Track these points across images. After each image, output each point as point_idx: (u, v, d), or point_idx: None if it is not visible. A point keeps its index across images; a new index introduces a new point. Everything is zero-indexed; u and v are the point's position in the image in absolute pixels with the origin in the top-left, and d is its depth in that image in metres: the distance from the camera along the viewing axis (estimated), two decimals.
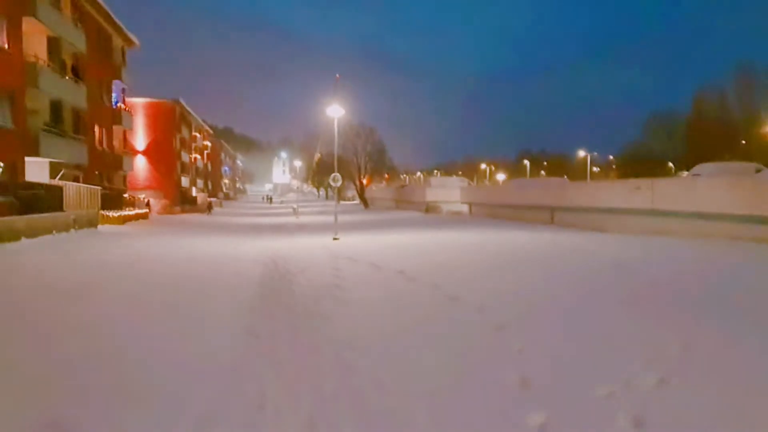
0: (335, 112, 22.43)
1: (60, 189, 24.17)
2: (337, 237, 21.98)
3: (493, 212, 40.74)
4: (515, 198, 36.92)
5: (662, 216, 22.88)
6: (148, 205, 49.63)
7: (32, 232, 20.04)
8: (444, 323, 7.48)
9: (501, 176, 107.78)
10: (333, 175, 22.87)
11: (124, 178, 46.21)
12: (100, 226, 27.52)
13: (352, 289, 10.03)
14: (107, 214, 30.74)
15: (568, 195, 30.17)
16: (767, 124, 66.85)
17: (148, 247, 19.09)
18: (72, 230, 23.46)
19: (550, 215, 32.27)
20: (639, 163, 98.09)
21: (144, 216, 38.69)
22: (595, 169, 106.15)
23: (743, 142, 74.51)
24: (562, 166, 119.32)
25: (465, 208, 48.08)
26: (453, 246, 17.97)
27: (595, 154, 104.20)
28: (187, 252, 17.57)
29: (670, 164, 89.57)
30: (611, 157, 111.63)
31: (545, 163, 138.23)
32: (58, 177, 28.53)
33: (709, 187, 20.59)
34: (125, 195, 41.83)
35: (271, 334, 7.12)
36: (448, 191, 51.90)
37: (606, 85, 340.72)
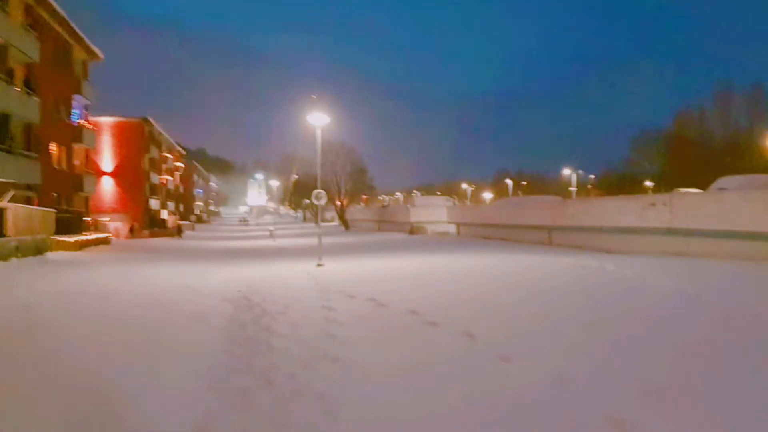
0: (318, 120, 19.75)
1: (1, 212, 21.04)
2: (321, 263, 19.16)
3: (483, 233, 38.25)
4: (508, 217, 34.47)
5: (682, 235, 20.51)
6: (112, 229, 46.36)
7: None
8: (530, 412, 4.75)
9: (488, 195, 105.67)
10: (316, 191, 20.13)
11: (87, 200, 42.84)
12: (51, 254, 24.32)
13: (356, 343, 7.24)
14: (62, 239, 27.54)
15: (568, 213, 27.76)
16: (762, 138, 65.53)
17: (91, 280, 15.99)
18: (13, 259, 20.29)
19: (547, 235, 29.85)
20: (619, 182, 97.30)
21: (105, 241, 35.42)
22: (571, 188, 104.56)
23: (728, 159, 73.34)
24: (541, 186, 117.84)
25: (452, 228, 45.58)
26: (458, 273, 15.29)
27: (581, 172, 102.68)
28: (139, 285, 14.58)
29: (648, 183, 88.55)
30: (592, 176, 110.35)
31: (524, 183, 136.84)
32: (6, 199, 25.31)
33: (742, 202, 18.25)
34: (87, 218, 38.56)
35: None
36: (434, 211, 49.44)
37: (587, 107, 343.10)
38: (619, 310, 9.01)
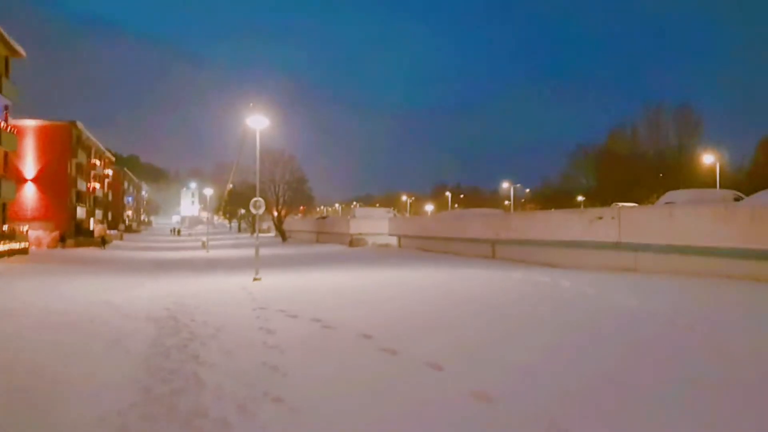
0: (258, 123, 18.47)
1: None
2: (258, 276, 17.85)
3: (425, 245, 37.55)
4: (451, 230, 33.86)
5: (630, 250, 20.23)
6: (33, 238, 43.39)
7: None
8: None
9: (429, 207, 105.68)
10: (254, 200, 18.79)
11: (3, 206, 39.90)
12: None
13: (304, 376, 6.13)
14: None
15: (512, 226, 27.31)
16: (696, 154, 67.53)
17: None
18: None
19: (491, 249, 29.35)
20: (554, 196, 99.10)
21: (23, 251, 32.86)
22: (506, 202, 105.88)
23: (660, 175, 75.59)
24: (478, 199, 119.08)
25: (393, 240, 44.76)
26: (407, 289, 14.36)
27: (518, 185, 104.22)
28: (53, 301, 12.98)
29: (580, 198, 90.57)
30: (527, 190, 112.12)
31: (461, 195, 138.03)
32: None
33: (690, 216, 18.03)
34: (2, 227, 35.78)
35: None
36: (374, 223, 48.50)
37: (524, 123, 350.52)
38: (599, 334, 8.21)
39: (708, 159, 49.12)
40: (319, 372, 6.27)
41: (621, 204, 32.60)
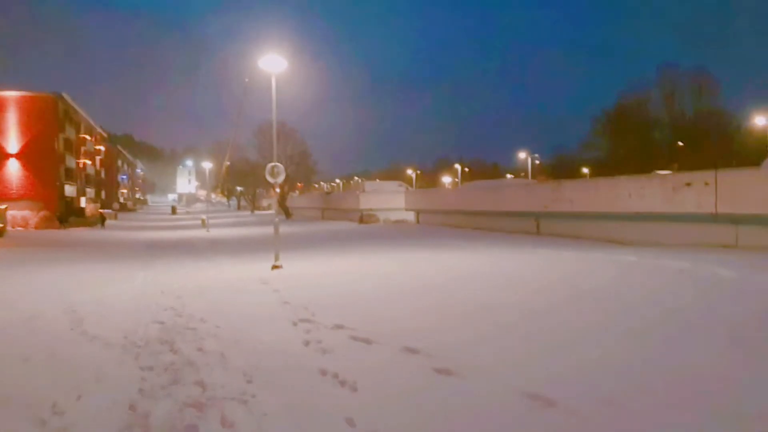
0: (273, 65, 14.34)
1: None
2: (278, 264, 14.00)
3: (448, 220, 33.72)
4: (483, 203, 30.00)
5: (730, 222, 16.54)
6: (19, 218, 39.55)
7: None
8: None
9: (447, 179, 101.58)
10: (271, 165, 14.78)
11: None
12: None
13: None
14: None
15: (565, 197, 23.44)
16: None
17: None
18: None
19: (535, 224, 25.55)
20: (565, 166, 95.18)
21: None
22: (509, 176, 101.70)
23: (680, 143, 71.54)
24: (484, 172, 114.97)
25: (407, 216, 40.88)
26: (482, 281, 10.60)
27: (536, 155, 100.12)
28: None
29: (584, 170, 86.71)
30: (537, 161, 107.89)
31: (466, 170, 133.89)
32: None
33: None
34: None
35: None
36: (386, 197, 44.63)
37: (526, 93, 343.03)
38: None
39: (760, 121, 44.51)
40: None
41: (661, 172, 28.87)
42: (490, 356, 5.51)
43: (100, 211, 62.20)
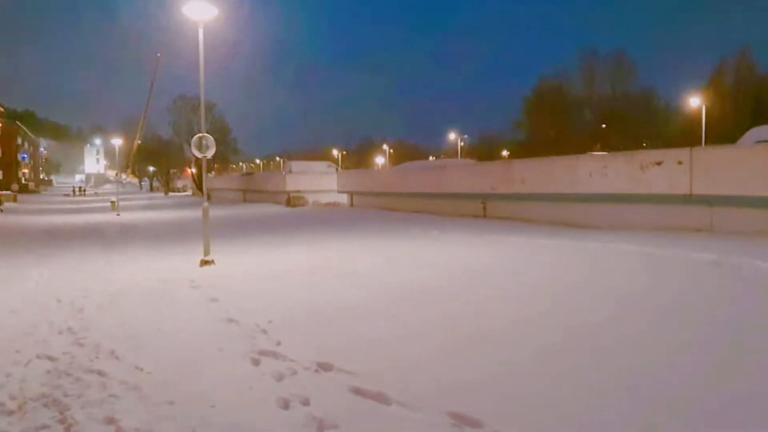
0: (200, 11, 11.57)
1: None
2: (208, 258, 11.51)
3: (386, 203, 31.65)
4: (424, 185, 28.10)
5: (705, 204, 15.34)
6: None
7: None
8: None
9: (380, 160, 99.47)
10: (199, 136, 12.02)
11: None
12: None
13: None
14: None
15: (516, 177, 21.84)
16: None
17: None
18: None
19: (481, 206, 23.90)
20: (488, 148, 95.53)
21: None
22: (431, 158, 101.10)
23: (603, 125, 72.46)
24: (409, 153, 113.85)
25: (339, 198, 38.53)
26: (494, 279, 8.58)
27: (466, 136, 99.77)
28: None
29: (505, 152, 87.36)
30: (462, 143, 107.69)
31: (391, 151, 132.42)
32: None
33: None
34: None
35: None
36: (315, 179, 42.08)
37: (443, 76, 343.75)
38: None
39: (694, 102, 44.74)
40: None
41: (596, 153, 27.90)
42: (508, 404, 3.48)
43: None
